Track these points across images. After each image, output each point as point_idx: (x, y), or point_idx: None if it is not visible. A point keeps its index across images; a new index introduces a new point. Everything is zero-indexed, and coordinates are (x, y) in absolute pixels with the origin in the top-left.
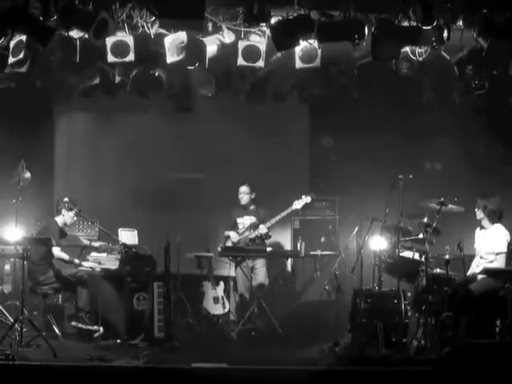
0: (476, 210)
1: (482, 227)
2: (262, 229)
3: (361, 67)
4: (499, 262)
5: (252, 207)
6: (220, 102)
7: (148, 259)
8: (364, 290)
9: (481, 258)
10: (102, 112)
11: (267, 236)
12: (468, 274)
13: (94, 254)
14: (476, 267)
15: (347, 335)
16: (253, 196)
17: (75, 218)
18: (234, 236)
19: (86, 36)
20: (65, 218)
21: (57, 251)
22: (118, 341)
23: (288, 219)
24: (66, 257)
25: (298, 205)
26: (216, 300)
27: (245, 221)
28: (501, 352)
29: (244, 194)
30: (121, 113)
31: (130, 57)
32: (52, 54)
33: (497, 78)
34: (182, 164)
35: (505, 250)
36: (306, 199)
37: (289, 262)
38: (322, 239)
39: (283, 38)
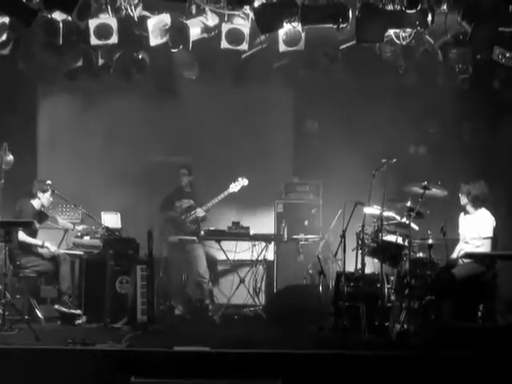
0: (460, 195)
1: (467, 212)
2: (200, 212)
3: (345, 51)
4: (486, 247)
5: (189, 190)
6: (204, 85)
7: (131, 242)
8: (347, 273)
9: (466, 243)
10: (86, 94)
11: (204, 219)
12: (450, 257)
13: (76, 237)
14: (459, 252)
15: (330, 319)
16: (190, 179)
17: (51, 199)
18: (199, 211)
19: (69, 18)
20: (42, 200)
21: (20, 234)
22: (101, 324)
23: (271, 203)
24: (29, 239)
25: (234, 188)
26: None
27: (183, 204)
28: (483, 336)
29: (182, 175)
30: (104, 95)
31: (114, 39)
32: (35, 36)
33: (481, 62)
34: (165, 147)
35: (491, 234)
36: (243, 182)
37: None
38: (306, 223)
39: (267, 21)
